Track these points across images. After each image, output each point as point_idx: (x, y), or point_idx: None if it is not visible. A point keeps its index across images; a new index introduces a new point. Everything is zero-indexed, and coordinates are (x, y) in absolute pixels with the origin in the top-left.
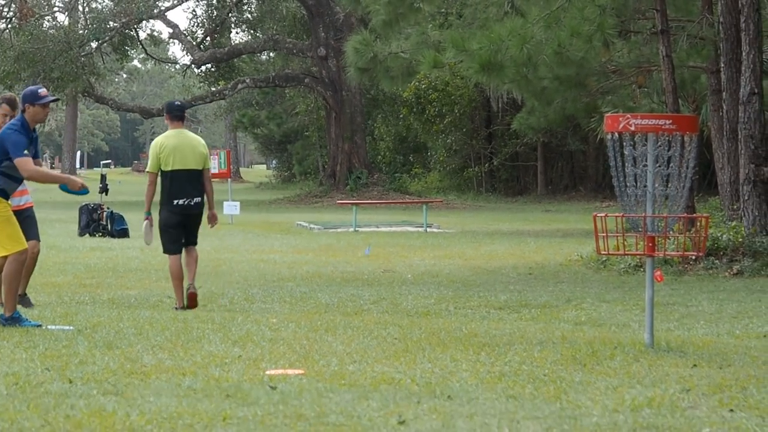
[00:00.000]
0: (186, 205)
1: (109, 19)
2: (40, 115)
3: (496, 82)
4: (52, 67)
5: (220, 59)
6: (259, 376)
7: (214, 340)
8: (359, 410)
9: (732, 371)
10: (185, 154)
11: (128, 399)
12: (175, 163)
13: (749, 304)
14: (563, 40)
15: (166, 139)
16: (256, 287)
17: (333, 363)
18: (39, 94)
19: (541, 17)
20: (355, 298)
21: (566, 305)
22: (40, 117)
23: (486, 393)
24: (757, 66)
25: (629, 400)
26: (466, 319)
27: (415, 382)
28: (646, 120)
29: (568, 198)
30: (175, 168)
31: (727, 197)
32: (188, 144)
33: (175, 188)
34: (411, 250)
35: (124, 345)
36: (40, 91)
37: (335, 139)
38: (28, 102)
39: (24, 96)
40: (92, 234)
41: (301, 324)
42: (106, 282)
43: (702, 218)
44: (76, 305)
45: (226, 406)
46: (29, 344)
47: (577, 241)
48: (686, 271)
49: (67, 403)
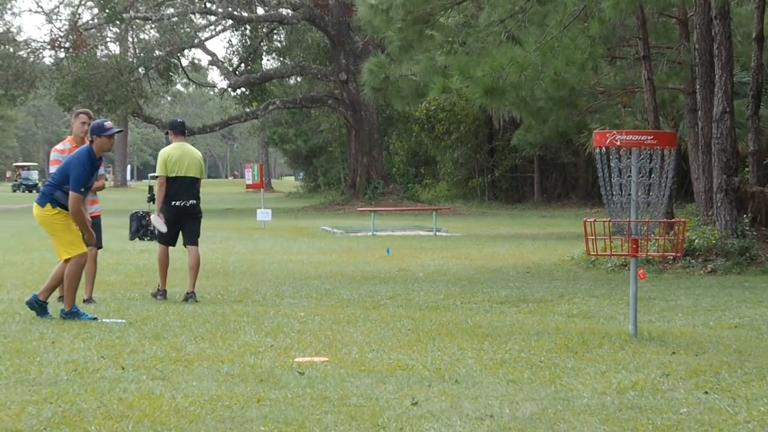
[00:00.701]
0: (182, 206)
1: (155, 48)
2: (107, 145)
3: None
4: (105, 91)
5: (253, 83)
6: (289, 363)
7: (249, 331)
8: (377, 393)
9: (707, 358)
10: (188, 164)
11: (174, 383)
12: (179, 170)
13: (722, 299)
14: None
15: (173, 150)
16: (285, 285)
17: (354, 351)
18: (105, 126)
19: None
20: (373, 294)
21: (560, 300)
22: (107, 147)
23: (489, 377)
24: (729, 88)
25: (615, 384)
26: (471, 313)
27: (426, 368)
28: (630, 136)
29: (561, 205)
30: (178, 175)
31: (702, 204)
32: (189, 155)
33: (173, 191)
34: (422, 251)
35: (170, 336)
36: (105, 123)
37: (355, 153)
38: (95, 134)
39: (92, 128)
40: (141, 238)
41: (325, 317)
42: (153, 281)
43: (680, 223)
44: (127, 301)
45: (259, 390)
46: (86, 335)
47: (569, 243)
48: (666, 269)
49: (120, 387)
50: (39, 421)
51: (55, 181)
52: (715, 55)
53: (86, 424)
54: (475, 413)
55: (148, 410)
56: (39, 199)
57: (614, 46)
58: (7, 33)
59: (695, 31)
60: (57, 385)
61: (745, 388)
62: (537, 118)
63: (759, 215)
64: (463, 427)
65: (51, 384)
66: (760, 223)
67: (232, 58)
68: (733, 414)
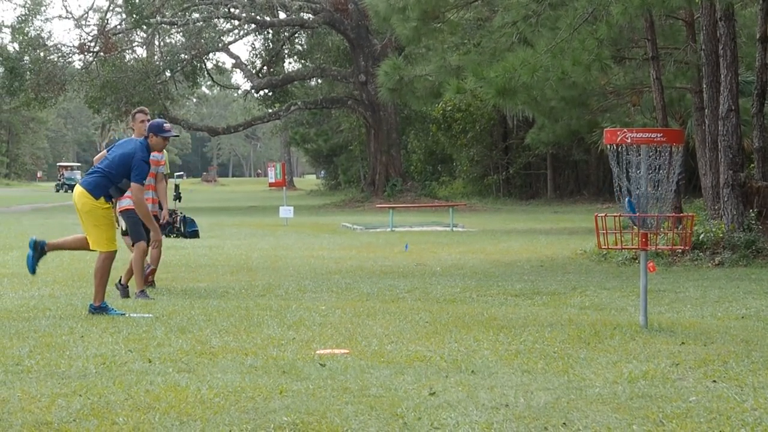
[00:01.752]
0: None
1: (180, 52)
2: (161, 145)
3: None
4: (133, 93)
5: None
6: (311, 355)
7: (271, 324)
8: (396, 384)
9: (715, 348)
10: None
11: (199, 375)
12: None
13: (729, 290)
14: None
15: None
16: (307, 279)
17: (373, 343)
18: (164, 127)
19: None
20: (392, 287)
21: (572, 292)
22: (160, 147)
23: (504, 368)
24: (734, 87)
25: (627, 373)
26: (486, 305)
27: (443, 359)
28: (640, 134)
29: (574, 201)
30: None
31: (710, 199)
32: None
33: None
34: (439, 246)
35: (195, 329)
36: (165, 125)
37: (374, 152)
38: (153, 132)
39: (150, 126)
40: (167, 235)
41: (346, 310)
42: (179, 276)
43: (688, 217)
44: (154, 296)
45: (282, 381)
46: (114, 330)
47: (581, 238)
48: (675, 262)
49: (147, 379)
50: (68, 413)
51: (112, 177)
52: (721, 55)
53: (114, 415)
54: (491, 403)
55: (174, 402)
56: (93, 190)
57: (623, 47)
58: (38, 38)
59: (701, 32)
60: (86, 378)
61: (752, 376)
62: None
63: (765, 209)
64: (480, 417)
65: (80, 377)
66: (766, 217)
67: (255, 61)
68: (741, 402)
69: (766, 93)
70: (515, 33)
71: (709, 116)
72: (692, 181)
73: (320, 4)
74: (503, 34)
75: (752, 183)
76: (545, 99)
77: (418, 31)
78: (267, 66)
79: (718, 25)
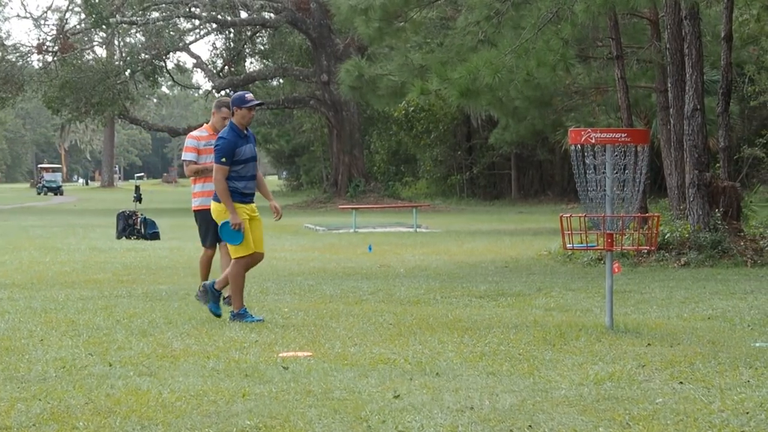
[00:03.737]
0: None
1: (141, 51)
2: (246, 117)
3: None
4: (92, 94)
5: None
6: (273, 358)
7: (233, 327)
8: (360, 386)
9: (681, 349)
10: None
11: (160, 379)
12: None
13: (695, 291)
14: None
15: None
16: (269, 281)
17: (337, 346)
18: (245, 98)
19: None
20: (356, 289)
21: (537, 293)
22: (246, 119)
23: (469, 370)
24: (699, 86)
25: (593, 375)
26: (451, 307)
27: (407, 361)
28: (605, 134)
29: (538, 201)
30: None
31: (675, 199)
32: None
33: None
34: (403, 247)
35: (156, 332)
36: (246, 95)
37: (337, 152)
38: (236, 105)
39: (233, 100)
40: (128, 237)
41: (309, 312)
42: (140, 278)
43: (653, 217)
44: (114, 299)
45: (244, 384)
46: (74, 333)
47: (546, 238)
48: (640, 263)
49: (107, 383)
50: (28, 417)
51: None
52: (686, 54)
53: (74, 420)
54: (455, 405)
55: (135, 406)
56: (214, 194)
57: (587, 46)
58: None
59: (666, 31)
60: (45, 382)
61: (719, 378)
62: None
63: (730, 209)
64: (444, 419)
65: (40, 381)
66: (732, 217)
67: (216, 61)
68: (708, 403)
69: (731, 92)
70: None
71: (675, 115)
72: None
73: (282, 3)
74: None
75: (718, 183)
76: (509, 99)
77: (381, 31)
78: (228, 66)
79: (683, 24)
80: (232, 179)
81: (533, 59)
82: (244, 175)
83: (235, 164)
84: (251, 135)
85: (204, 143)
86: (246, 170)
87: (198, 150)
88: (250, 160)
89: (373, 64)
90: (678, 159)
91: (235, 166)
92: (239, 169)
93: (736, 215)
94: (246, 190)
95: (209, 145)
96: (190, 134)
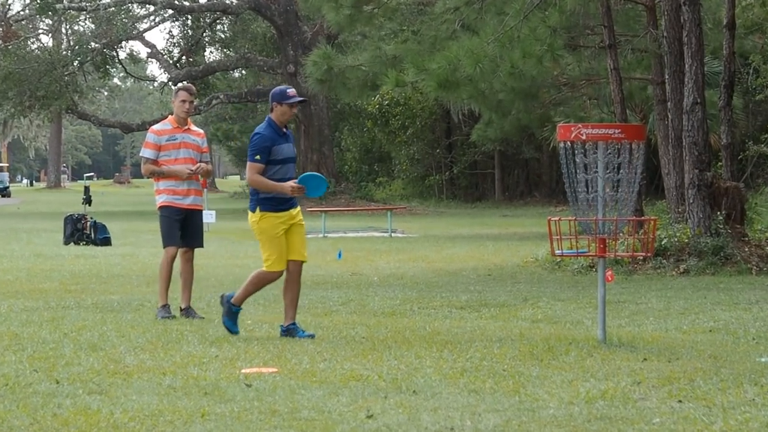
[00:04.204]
0: None
1: (90, 40)
2: (287, 114)
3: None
4: (38, 86)
5: (195, 77)
6: (235, 374)
7: (192, 341)
8: (330, 405)
9: (680, 364)
10: None
11: (112, 398)
12: None
13: (695, 301)
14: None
15: None
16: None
17: (305, 361)
18: (287, 94)
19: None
20: (325, 299)
21: (523, 304)
22: (287, 116)
23: (449, 388)
24: (700, 77)
25: (584, 393)
26: (429, 319)
27: (382, 378)
28: (597, 129)
29: (524, 203)
30: None
31: (673, 201)
32: None
33: None
34: (377, 254)
35: (107, 347)
36: (288, 91)
37: (304, 150)
38: (276, 101)
39: (273, 95)
40: (77, 243)
41: (274, 325)
42: (90, 287)
43: (650, 221)
44: (62, 310)
45: (204, 403)
46: (18, 347)
47: (532, 244)
48: (636, 270)
49: (54, 402)
50: None
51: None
52: (685, 43)
53: None
54: (434, 426)
55: (85, 427)
56: (250, 205)
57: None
58: None
59: (663, 17)
60: None
61: (721, 395)
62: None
63: (733, 212)
64: None
65: None
66: (735, 221)
67: (172, 50)
68: (709, 424)
69: (734, 84)
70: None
71: (673, 110)
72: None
73: None
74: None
75: (720, 183)
76: (492, 91)
77: (352, 18)
78: (186, 55)
79: (681, 10)
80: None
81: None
82: (281, 177)
83: (270, 164)
84: (290, 134)
85: (167, 138)
86: (283, 172)
87: (159, 146)
88: (288, 161)
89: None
90: (676, 157)
91: (271, 167)
92: (275, 170)
93: (740, 218)
94: (282, 196)
95: (173, 140)
96: (151, 128)
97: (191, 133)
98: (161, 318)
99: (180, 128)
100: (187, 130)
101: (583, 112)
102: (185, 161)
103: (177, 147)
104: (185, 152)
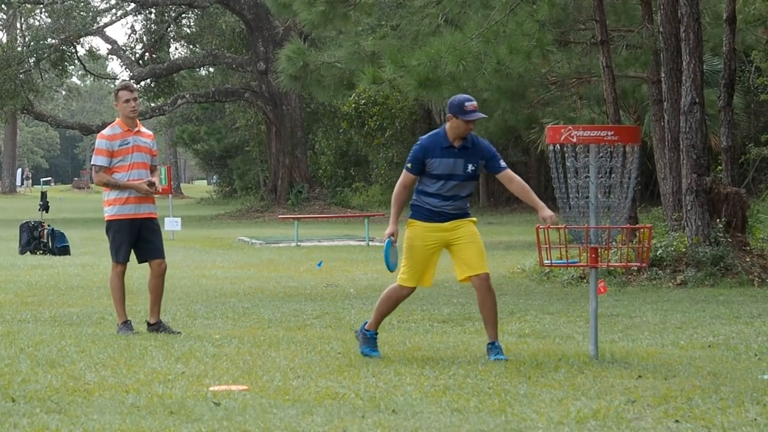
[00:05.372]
0: None
1: (47, 36)
2: (461, 129)
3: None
4: None
5: (159, 75)
6: (203, 392)
7: (156, 356)
8: (303, 425)
9: (677, 382)
10: None
11: (71, 417)
12: None
13: (693, 315)
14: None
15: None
16: (198, 303)
17: (276, 378)
18: (465, 108)
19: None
20: (298, 312)
21: (510, 318)
22: (461, 131)
23: (431, 407)
24: (698, 76)
25: (574, 412)
26: (409, 333)
27: (359, 396)
28: (588, 131)
29: (511, 210)
30: None
31: (670, 207)
32: None
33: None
34: (353, 264)
35: (66, 363)
36: (467, 104)
37: (276, 153)
38: (452, 112)
39: (450, 105)
40: (33, 252)
41: (244, 339)
42: (47, 299)
43: (645, 229)
44: (18, 323)
45: (169, 423)
46: None
47: (519, 253)
48: (630, 281)
49: (10, 421)
50: None
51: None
52: (682, 39)
53: None
54: None
55: None
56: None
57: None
58: None
59: (659, 12)
60: None
61: (721, 415)
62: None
63: (734, 219)
64: None
65: None
66: (736, 229)
67: (134, 47)
68: None
69: (735, 83)
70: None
71: (669, 110)
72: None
73: None
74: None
75: (719, 188)
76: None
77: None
78: (149, 52)
79: (678, 4)
80: (424, 194)
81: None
82: (439, 193)
83: (426, 176)
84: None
85: (119, 143)
86: (442, 189)
87: (111, 153)
88: (448, 179)
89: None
90: (673, 161)
91: (426, 179)
92: (431, 185)
93: (741, 226)
94: (437, 209)
95: (125, 145)
96: (101, 133)
97: (142, 135)
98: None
99: (131, 131)
100: (138, 132)
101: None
102: (139, 166)
103: (130, 151)
104: (138, 156)
